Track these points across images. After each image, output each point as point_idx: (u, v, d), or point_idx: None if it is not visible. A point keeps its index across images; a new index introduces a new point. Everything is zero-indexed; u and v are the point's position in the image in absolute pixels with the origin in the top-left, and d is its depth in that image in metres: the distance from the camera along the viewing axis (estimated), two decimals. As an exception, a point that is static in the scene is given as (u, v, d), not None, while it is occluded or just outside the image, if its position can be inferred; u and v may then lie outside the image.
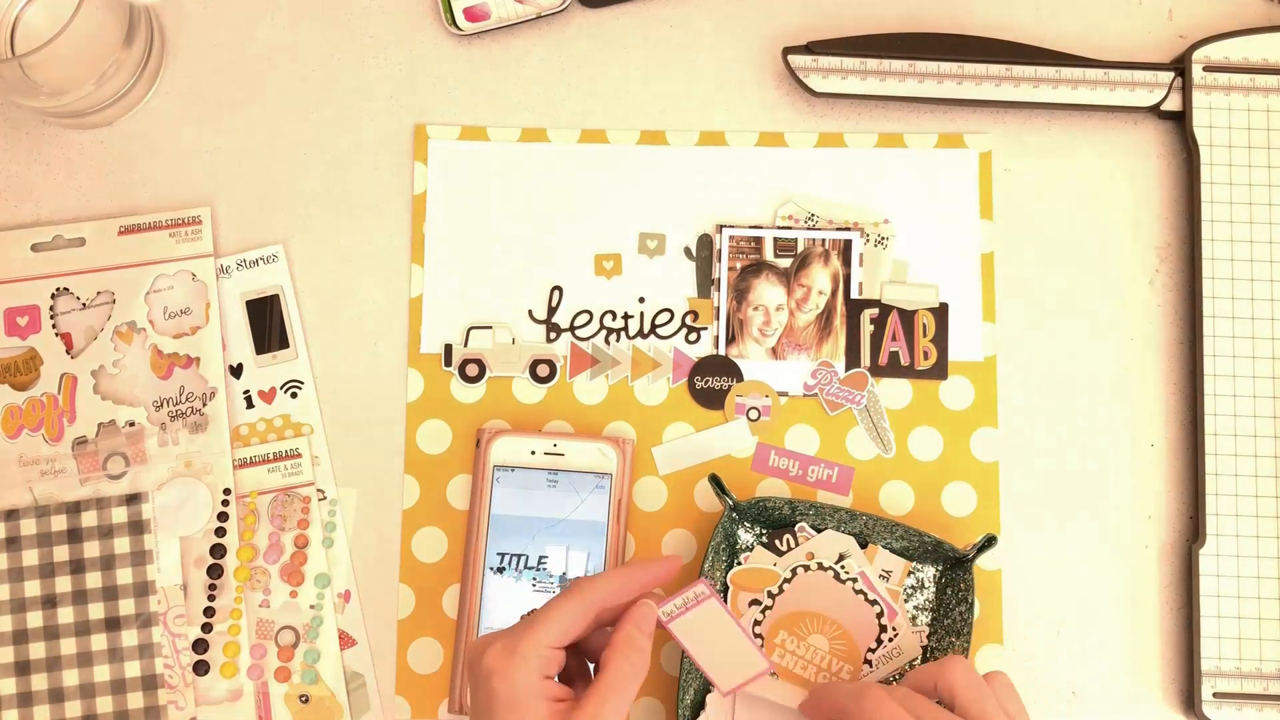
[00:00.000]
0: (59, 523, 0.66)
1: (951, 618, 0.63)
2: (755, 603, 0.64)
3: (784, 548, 0.64)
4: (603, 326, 0.69)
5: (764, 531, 0.65)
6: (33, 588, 0.65)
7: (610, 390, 0.68)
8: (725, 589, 0.64)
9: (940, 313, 0.68)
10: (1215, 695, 0.64)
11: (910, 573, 0.64)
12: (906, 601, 0.64)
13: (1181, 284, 0.69)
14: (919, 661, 0.64)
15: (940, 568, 0.64)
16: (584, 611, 0.53)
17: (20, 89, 0.65)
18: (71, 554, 0.65)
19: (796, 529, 0.64)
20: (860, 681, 0.57)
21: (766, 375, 0.68)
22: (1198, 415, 0.66)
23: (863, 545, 0.65)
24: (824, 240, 0.69)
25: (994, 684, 0.55)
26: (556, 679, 0.53)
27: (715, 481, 0.63)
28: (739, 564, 0.64)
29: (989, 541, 0.62)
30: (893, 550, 0.64)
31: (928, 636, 0.64)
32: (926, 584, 0.64)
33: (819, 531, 0.64)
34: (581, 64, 0.71)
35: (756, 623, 0.63)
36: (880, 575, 0.64)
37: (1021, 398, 0.68)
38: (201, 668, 0.65)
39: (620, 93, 0.71)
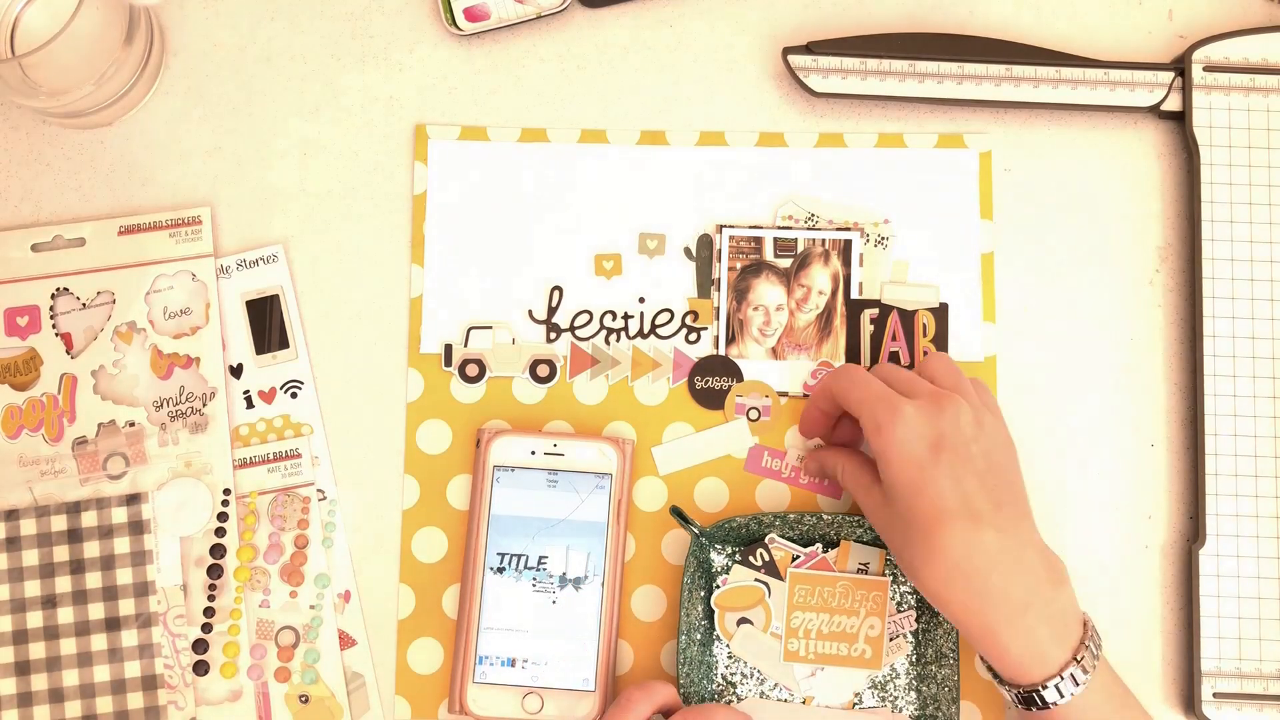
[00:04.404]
0: (59, 523, 0.66)
1: None
2: (745, 620, 0.64)
3: (758, 563, 0.64)
4: (603, 326, 0.69)
5: (735, 550, 0.65)
6: (33, 588, 0.65)
7: (610, 390, 0.68)
8: (710, 615, 0.64)
9: (940, 313, 0.68)
10: (1215, 695, 0.64)
11: (887, 560, 0.65)
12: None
13: (1181, 284, 0.69)
14: (915, 646, 0.64)
15: None
16: None
17: (20, 89, 0.65)
18: (71, 554, 0.65)
19: (767, 540, 0.65)
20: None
21: (766, 375, 0.68)
22: (1198, 415, 0.66)
23: (835, 544, 0.65)
24: (824, 240, 0.69)
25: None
26: None
27: (677, 513, 0.63)
28: (718, 587, 0.64)
29: None
30: (864, 542, 0.65)
31: (916, 619, 0.64)
32: None
33: (796, 541, 0.64)
34: (581, 64, 0.71)
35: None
36: (858, 568, 0.64)
37: (1021, 397, 0.68)
38: (201, 668, 0.65)
39: (620, 93, 0.71)
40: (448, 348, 0.68)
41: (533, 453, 0.65)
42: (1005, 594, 0.55)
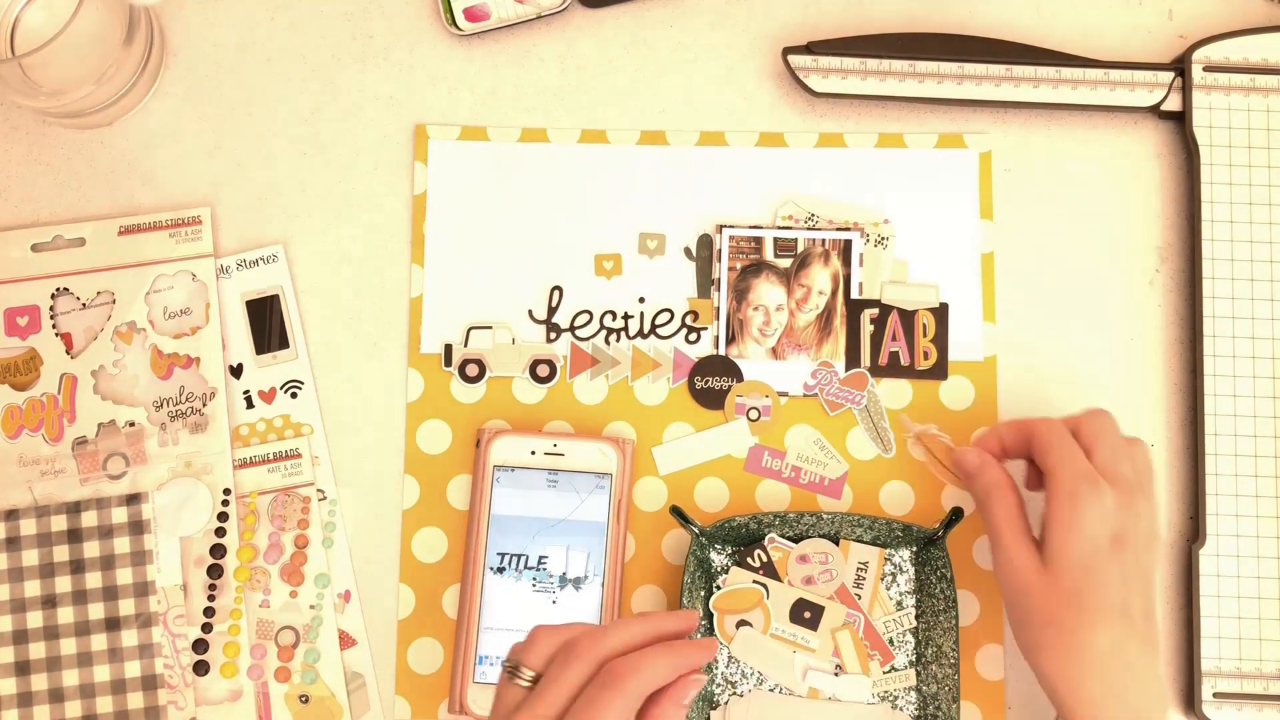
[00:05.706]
0: (59, 523, 0.66)
1: (934, 595, 0.64)
2: (744, 623, 0.64)
3: (755, 564, 0.64)
4: (603, 326, 0.69)
5: (734, 551, 0.65)
6: (33, 588, 0.65)
7: (610, 390, 0.68)
8: (710, 617, 0.64)
9: (940, 313, 0.69)
10: (1215, 695, 0.64)
11: (886, 559, 0.65)
12: (888, 589, 0.64)
13: (1181, 284, 0.69)
14: (915, 646, 0.64)
15: (914, 549, 0.65)
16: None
17: (20, 89, 0.65)
18: (71, 554, 0.65)
19: (765, 541, 0.65)
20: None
21: (766, 375, 0.68)
22: (1198, 415, 0.66)
23: (834, 544, 0.65)
24: (824, 240, 0.69)
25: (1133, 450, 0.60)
26: None
27: (677, 512, 0.63)
28: (718, 588, 0.64)
29: (956, 515, 0.63)
30: (864, 542, 0.65)
31: (916, 618, 0.64)
32: (904, 568, 0.65)
33: (795, 541, 0.64)
34: (581, 64, 0.71)
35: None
36: (858, 568, 0.64)
37: (1021, 397, 0.68)
38: (201, 668, 0.65)
39: (620, 93, 0.71)
40: (448, 348, 0.68)
41: (533, 453, 0.65)
42: (1134, 705, 0.56)
